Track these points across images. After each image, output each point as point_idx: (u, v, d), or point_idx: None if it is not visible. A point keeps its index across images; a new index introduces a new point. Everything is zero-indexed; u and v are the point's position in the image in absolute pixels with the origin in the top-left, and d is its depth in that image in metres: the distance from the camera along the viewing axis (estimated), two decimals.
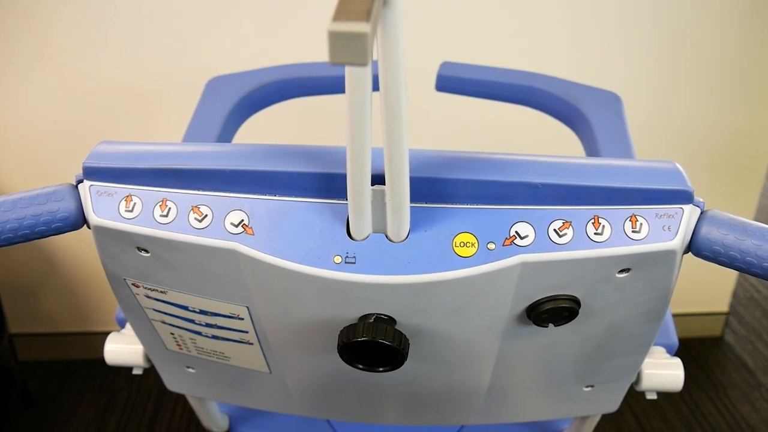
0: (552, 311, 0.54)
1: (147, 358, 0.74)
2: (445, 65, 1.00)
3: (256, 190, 0.51)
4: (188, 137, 0.87)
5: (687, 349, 2.02)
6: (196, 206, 0.51)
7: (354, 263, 0.50)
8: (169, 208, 0.51)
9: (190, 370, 0.71)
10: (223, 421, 0.91)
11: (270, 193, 0.51)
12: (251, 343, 0.62)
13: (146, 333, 0.67)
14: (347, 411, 0.76)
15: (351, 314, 0.54)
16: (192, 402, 0.84)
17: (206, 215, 0.51)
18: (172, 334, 0.65)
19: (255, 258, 0.50)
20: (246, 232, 0.51)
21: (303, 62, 1.03)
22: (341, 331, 0.53)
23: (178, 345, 0.66)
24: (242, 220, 0.51)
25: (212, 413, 0.88)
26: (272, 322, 0.58)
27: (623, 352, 0.64)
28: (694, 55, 1.57)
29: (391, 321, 0.54)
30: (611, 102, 0.95)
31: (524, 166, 0.51)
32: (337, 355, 0.54)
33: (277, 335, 0.60)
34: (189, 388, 0.76)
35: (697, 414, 1.78)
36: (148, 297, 0.60)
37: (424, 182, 0.50)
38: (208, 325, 0.61)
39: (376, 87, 0.43)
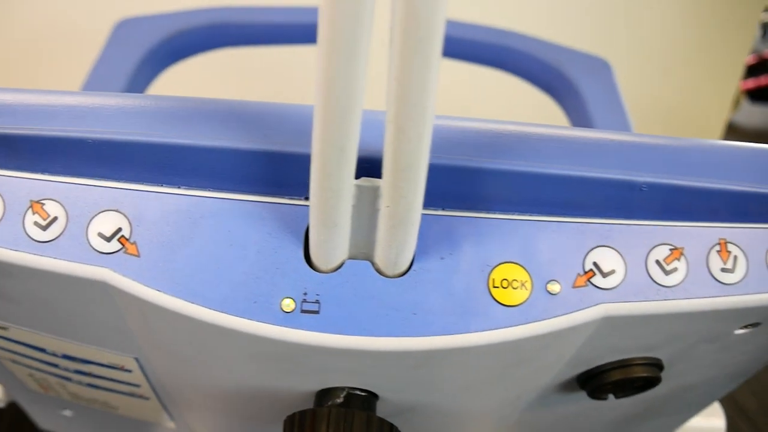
0: (620, 383, 0.32)
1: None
2: None
3: (144, 176, 0.27)
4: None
5: None
6: (37, 201, 0.27)
7: (317, 312, 0.26)
8: None
9: (67, 413, 0.47)
10: None
11: (169, 183, 0.27)
12: (146, 398, 0.39)
13: None
14: None
15: (306, 386, 0.30)
16: None
17: (55, 218, 0.27)
18: (30, 375, 0.40)
19: (141, 298, 0.26)
20: (126, 251, 0.26)
21: (237, 5, 0.77)
22: (287, 420, 0.29)
23: (43, 387, 0.42)
24: (119, 230, 0.27)
25: None
26: (178, 385, 0.34)
27: (673, 412, 0.42)
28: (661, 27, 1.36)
29: (371, 399, 0.31)
30: (600, 69, 0.72)
31: (618, 151, 0.28)
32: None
33: (186, 398, 0.36)
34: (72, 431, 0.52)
35: None
36: None
37: (447, 173, 0.27)
38: (79, 372, 0.37)
39: None
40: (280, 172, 0.26)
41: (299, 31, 0.67)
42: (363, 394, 0.30)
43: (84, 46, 1.15)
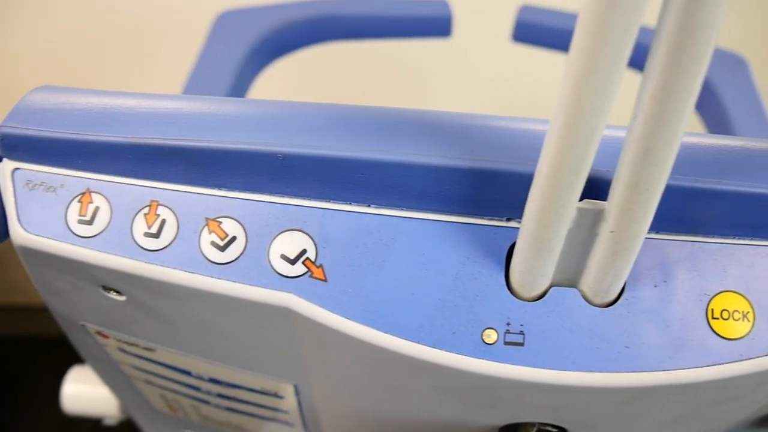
0: None
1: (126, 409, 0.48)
2: (526, 10, 0.72)
3: (331, 193, 0.25)
4: (189, 90, 0.58)
5: None
6: (214, 219, 0.25)
7: (522, 344, 0.24)
8: (163, 222, 0.25)
9: None
10: None
11: (358, 201, 0.25)
12: (291, 424, 0.37)
13: (122, 388, 0.41)
14: None
15: (490, 420, 0.28)
16: None
17: (234, 237, 0.25)
18: (162, 396, 0.39)
19: (327, 326, 0.24)
20: (312, 275, 0.24)
21: None
22: None
23: (171, 408, 0.40)
24: (304, 252, 0.25)
25: None
26: (336, 413, 0.32)
27: None
28: None
29: None
30: (738, 67, 0.67)
31: None
32: None
33: (340, 427, 0.34)
34: None
35: None
36: (123, 351, 0.34)
37: (665, 194, 0.24)
38: (221, 396, 0.35)
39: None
40: (483, 191, 0.24)
41: (414, 24, 0.64)
42: (553, 430, 0.27)
43: (174, 41, 1.11)
